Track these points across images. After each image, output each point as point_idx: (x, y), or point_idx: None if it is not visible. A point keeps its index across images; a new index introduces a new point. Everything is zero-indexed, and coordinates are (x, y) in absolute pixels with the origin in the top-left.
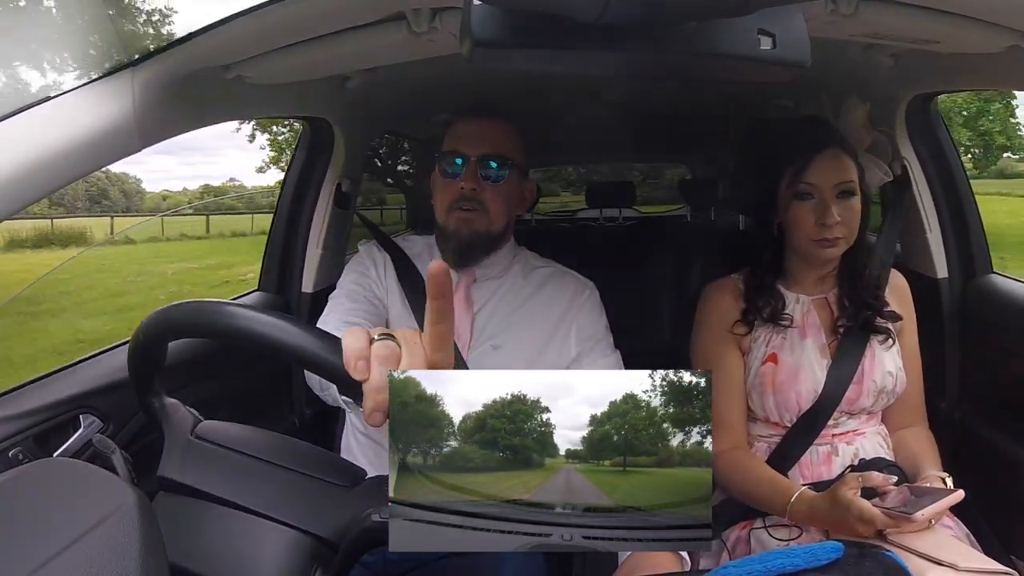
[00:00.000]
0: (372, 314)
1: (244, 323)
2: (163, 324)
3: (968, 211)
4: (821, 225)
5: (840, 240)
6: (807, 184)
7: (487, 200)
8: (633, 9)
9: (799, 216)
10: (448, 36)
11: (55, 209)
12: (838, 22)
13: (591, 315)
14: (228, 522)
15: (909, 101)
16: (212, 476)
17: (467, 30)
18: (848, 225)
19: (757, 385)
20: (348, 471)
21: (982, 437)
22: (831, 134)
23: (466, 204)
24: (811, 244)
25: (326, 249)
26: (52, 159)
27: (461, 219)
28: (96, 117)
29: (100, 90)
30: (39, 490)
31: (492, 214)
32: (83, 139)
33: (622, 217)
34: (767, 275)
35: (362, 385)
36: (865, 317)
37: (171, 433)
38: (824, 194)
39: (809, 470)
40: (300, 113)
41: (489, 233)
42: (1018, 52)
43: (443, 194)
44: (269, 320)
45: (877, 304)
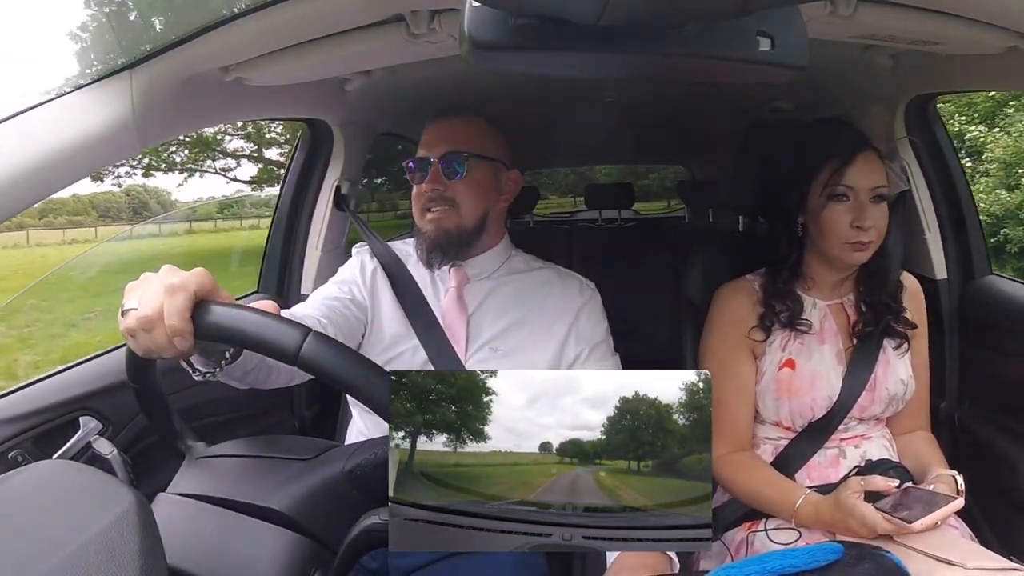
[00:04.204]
0: (341, 315)
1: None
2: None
3: (967, 212)
4: (857, 228)
5: (871, 244)
6: (845, 186)
7: (455, 196)
8: (632, 11)
9: (834, 218)
10: (447, 38)
11: (102, 220)
12: (837, 23)
13: (592, 318)
14: (227, 524)
15: (908, 102)
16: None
17: (466, 32)
18: (879, 230)
19: (772, 390)
20: (314, 447)
21: (981, 438)
22: (866, 137)
23: (433, 204)
24: (843, 247)
25: (325, 251)
26: (52, 160)
27: (431, 219)
28: (95, 118)
29: (99, 91)
30: (38, 492)
31: (462, 208)
32: (82, 140)
33: (621, 219)
34: (786, 277)
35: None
36: (886, 322)
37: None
38: (860, 196)
39: (816, 472)
40: (299, 115)
41: (461, 228)
42: (1017, 53)
43: (415, 200)
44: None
45: (897, 307)
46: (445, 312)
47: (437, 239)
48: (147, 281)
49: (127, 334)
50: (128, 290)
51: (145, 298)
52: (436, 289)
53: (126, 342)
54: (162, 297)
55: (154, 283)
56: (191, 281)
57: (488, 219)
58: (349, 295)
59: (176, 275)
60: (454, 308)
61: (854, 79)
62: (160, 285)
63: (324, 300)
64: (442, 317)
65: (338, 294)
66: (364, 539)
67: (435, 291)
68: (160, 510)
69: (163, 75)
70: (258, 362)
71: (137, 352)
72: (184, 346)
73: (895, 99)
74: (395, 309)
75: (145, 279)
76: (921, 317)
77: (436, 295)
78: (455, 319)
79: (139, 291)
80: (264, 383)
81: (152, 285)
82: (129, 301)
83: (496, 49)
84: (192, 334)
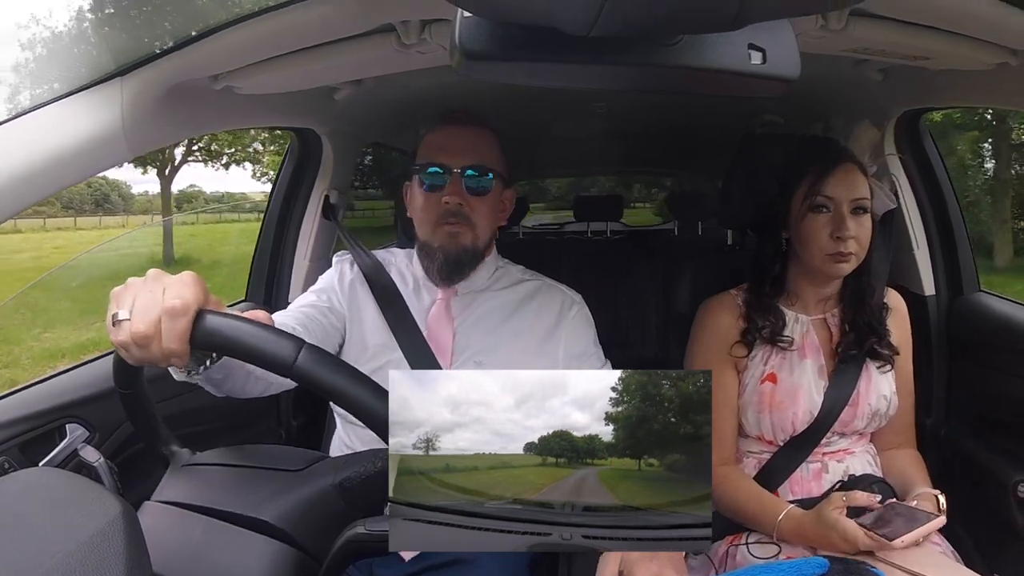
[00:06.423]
0: (317, 322)
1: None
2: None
3: (956, 228)
4: (837, 238)
5: (852, 256)
6: (824, 197)
7: (473, 214)
8: (623, 22)
9: (814, 229)
10: (437, 48)
11: (67, 211)
12: (828, 38)
13: (578, 330)
14: (213, 533)
15: (898, 117)
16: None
17: (457, 42)
18: (860, 242)
19: (754, 403)
20: (303, 458)
21: (967, 454)
22: (847, 150)
23: (452, 219)
24: (824, 258)
25: (313, 260)
26: (41, 167)
27: (448, 234)
28: (85, 126)
29: (89, 99)
30: (24, 500)
31: (478, 228)
32: (72, 148)
33: (609, 231)
34: (769, 292)
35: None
36: (870, 345)
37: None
38: (840, 207)
39: (799, 486)
40: (288, 124)
41: (475, 247)
42: (1007, 69)
43: (425, 209)
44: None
45: (882, 330)
46: (431, 324)
47: (458, 257)
48: (137, 289)
49: (120, 347)
50: (115, 296)
51: (139, 311)
52: (420, 300)
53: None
54: (159, 315)
55: (146, 295)
56: (191, 302)
57: (492, 239)
58: (327, 303)
59: (174, 294)
60: (441, 320)
61: (845, 93)
62: (156, 301)
63: (301, 308)
64: (428, 329)
65: (316, 302)
66: (350, 549)
67: (419, 302)
68: (146, 518)
69: (153, 83)
70: (237, 366)
71: (128, 361)
72: (180, 364)
73: (885, 114)
74: (378, 319)
75: (133, 285)
76: (905, 334)
77: (420, 306)
78: (441, 331)
79: (129, 300)
80: (241, 391)
81: (145, 297)
82: (121, 311)
83: (487, 59)
84: (189, 354)
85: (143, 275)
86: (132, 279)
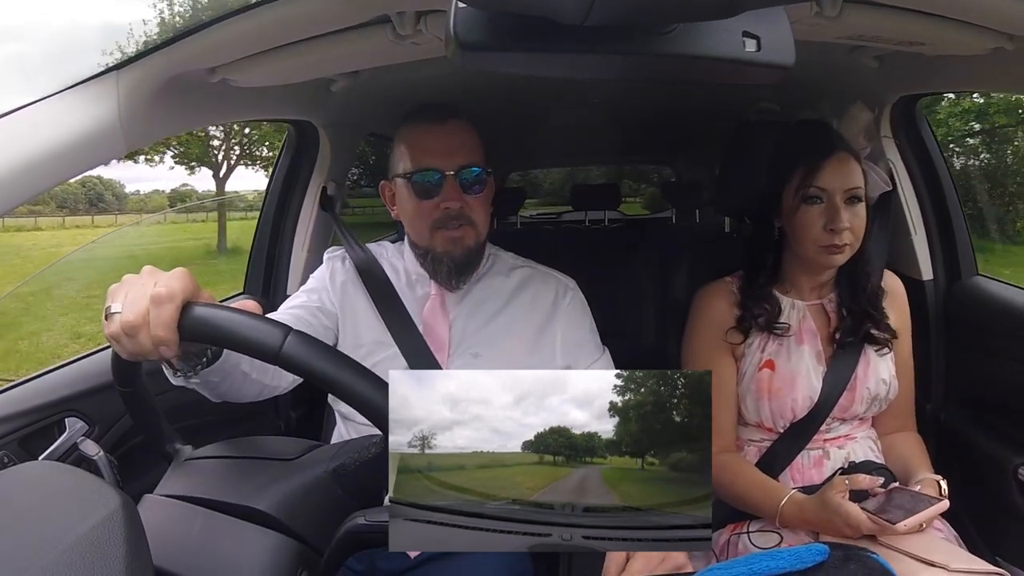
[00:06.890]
0: (307, 323)
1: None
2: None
3: (953, 213)
4: (830, 230)
5: (846, 247)
6: (817, 188)
7: (472, 213)
8: (618, 12)
9: (807, 220)
10: (433, 39)
11: (62, 211)
12: (823, 24)
13: (574, 318)
14: (213, 525)
15: (894, 103)
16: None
17: (452, 33)
18: (855, 232)
19: (752, 391)
20: (297, 447)
21: (967, 439)
22: (840, 139)
23: (454, 223)
24: (818, 250)
25: (311, 252)
26: (37, 162)
27: (451, 239)
28: (81, 120)
29: (85, 93)
30: (24, 493)
31: (479, 225)
32: (68, 142)
33: (607, 220)
34: (763, 280)
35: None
36: (866, 329)
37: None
38: (834, 199)
39: (800, 473)
40: (285, 116)
41: (477, 245)
42: (1003, 54)
43: (421, 215)
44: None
45: (878, 315)
46: (427, 318)
47: (465, 259)
48: (130, 284)
49: (111, 339)
50: (111, 292)
51: (129, 303)
52: (414, 293)
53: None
54: (147, 304)
55: (138, 288)
56: (177, 291)
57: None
58: (318, 303)
59: (162, 283)
60: (436, 314)
61: (840, 80)
62: (145, 292)
63: (290, 309)
64: (423, 324)
65: (305, 302)
66: (350, 540)
67: (413, 295)
68: (146, 511)
69: (149, 76)
70: (232, 368)
71: (121, 355)
72: (169, 354)
73: (881, 100)
74: (372, 315)
75: (127, 281)
76: (904, 318)
77: (415, 299)
78: (437, 325)
79: (122, 294)
80: (238, 393)
81: (136, 290)
82: (114, 304)
83: (482, 50)
84: (178, 343)
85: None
86: (128, 276)
